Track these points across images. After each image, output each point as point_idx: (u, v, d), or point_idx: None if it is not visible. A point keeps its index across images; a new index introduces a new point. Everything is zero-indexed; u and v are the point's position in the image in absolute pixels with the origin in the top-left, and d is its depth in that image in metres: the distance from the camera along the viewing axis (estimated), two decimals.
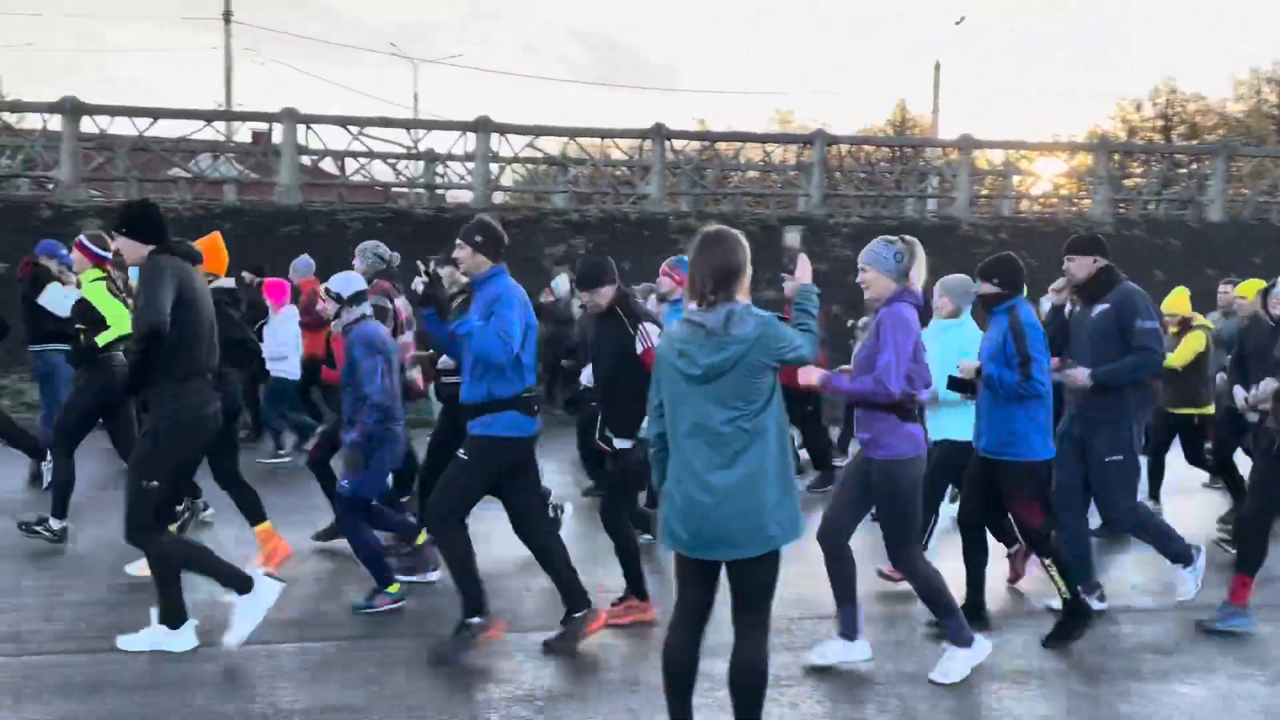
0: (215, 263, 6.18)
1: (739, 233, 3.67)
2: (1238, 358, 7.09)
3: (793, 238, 4.15)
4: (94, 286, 6.75)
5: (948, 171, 19.91)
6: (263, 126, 19.35)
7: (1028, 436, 5.07)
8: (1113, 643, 5.24)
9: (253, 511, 6.13)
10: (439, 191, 18.78)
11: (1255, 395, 5.68)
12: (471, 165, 17.56)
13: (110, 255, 6.83)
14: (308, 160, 17.81)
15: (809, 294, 3.90)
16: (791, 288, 4.00)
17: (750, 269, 3.64)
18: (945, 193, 20.10)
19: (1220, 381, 7.95)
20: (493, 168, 17.74)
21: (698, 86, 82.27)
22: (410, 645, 4.97)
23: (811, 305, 3.88)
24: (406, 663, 4.78)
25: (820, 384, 4.54)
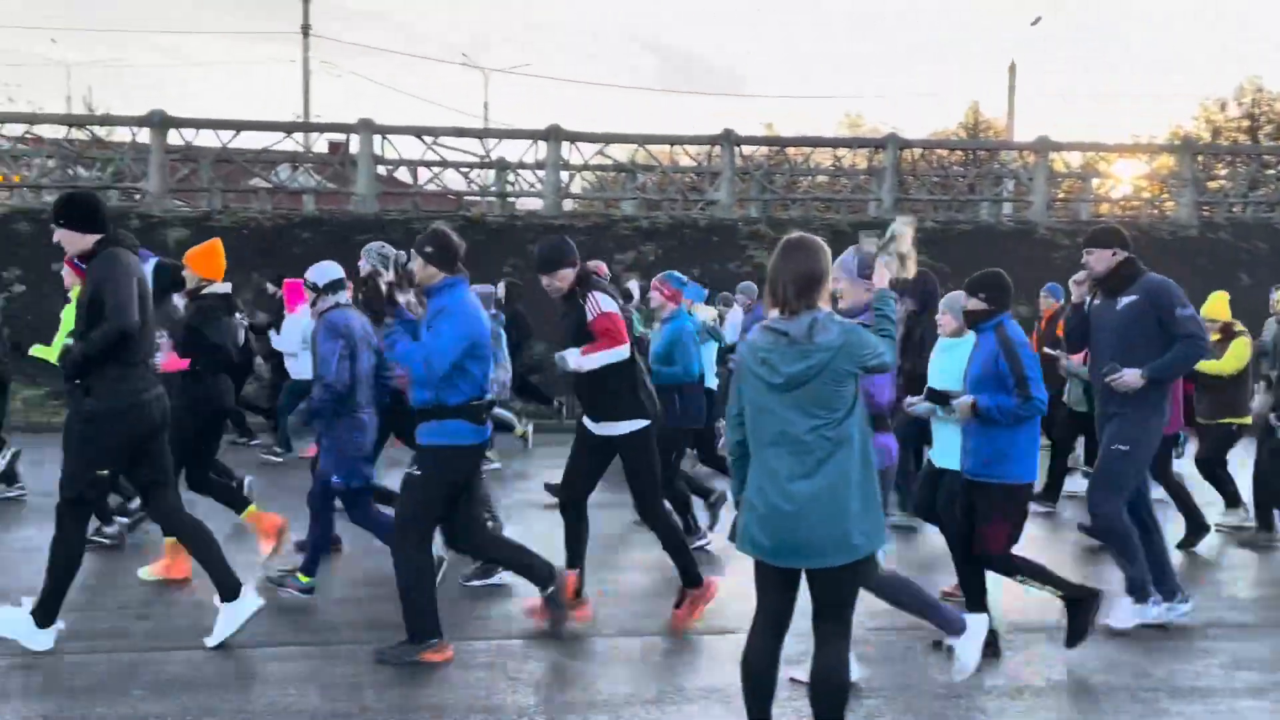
0: (211, 268, 6.35)
1: (820, 240, 3.68)
2: None
3: (870, 243, 4.13)
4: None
5: (1024, 175, 19.52)
6: (339, 137, 19.78)
7: (1009, 457, 4.88)
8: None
9: (235, 501, 6.34)
10: (510, 199, 18.99)
11: None
12: (541, 173, 17.73)
13: None
14: (383, 170, 18.16)
15: (887, 299, 3.90)
16: (848, 297, 3.99)
17: (830, 276, 3.66)
18: (1021, 196, 19.71)
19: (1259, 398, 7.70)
20: (562, 175, 17.89)
21: (764, 91, 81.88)
22: (490, 649, 5.04)
23: (890, 310, 3.88)
24: (488, 666, 4.85)
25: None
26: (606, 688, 4.65)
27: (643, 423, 5.34)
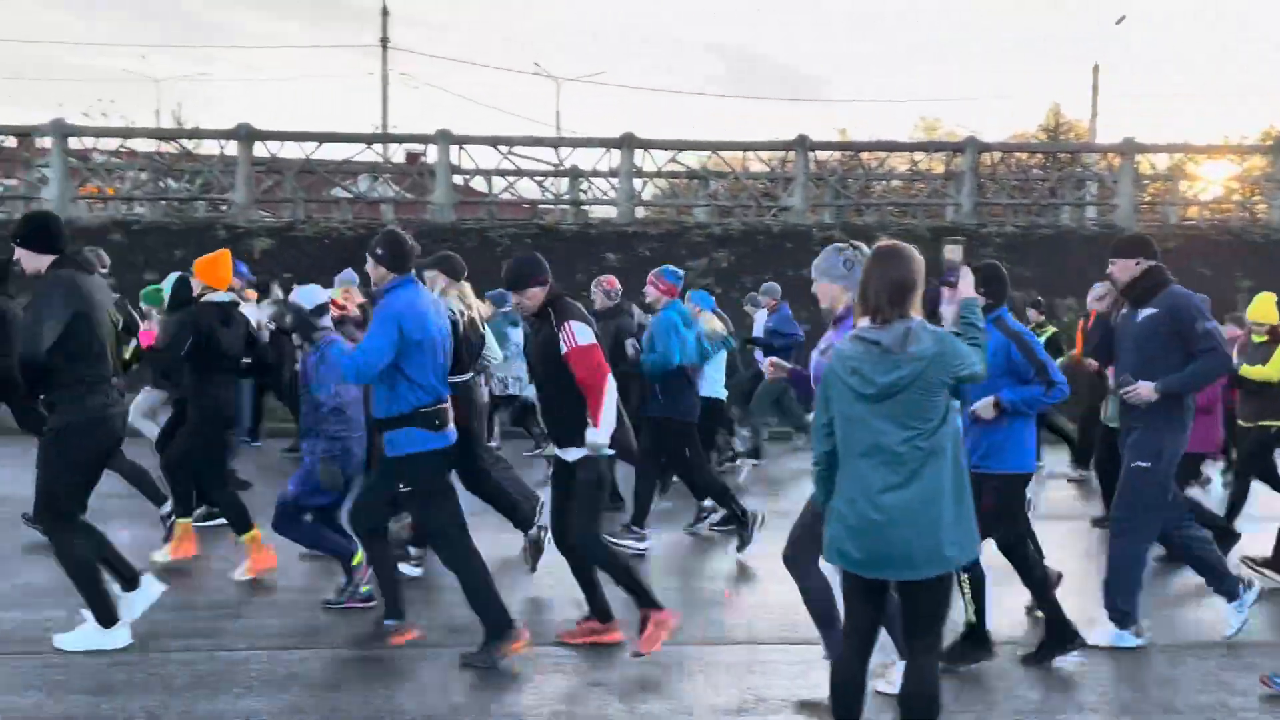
0: (214, 278, 6.49)
1: (912, 247, 3.64)
2: None
3: (954, 251, 4.09)
4: None
5: (1108, 178, 19.01)
6: (417, 147, 20.13)
7: (1006, 449, 4.88)
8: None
9: (241, 520, 6.37)
10: (583, 207, 19.13)
11: None
12: (614, 181, 17.83)
13: (105, 273, 7.32)
14: (460, 180, 18.43)
15: (973, 308, 3.84)
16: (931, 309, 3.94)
17: (922, 284, 3.61)
18: (1105, 200, 19.19)
19: None
20: (635, 183, 17.95)
21: (837, 95, 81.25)
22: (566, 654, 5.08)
23: (977, 319, 3.83)
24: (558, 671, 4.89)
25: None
26: (689, 696, 4.65)
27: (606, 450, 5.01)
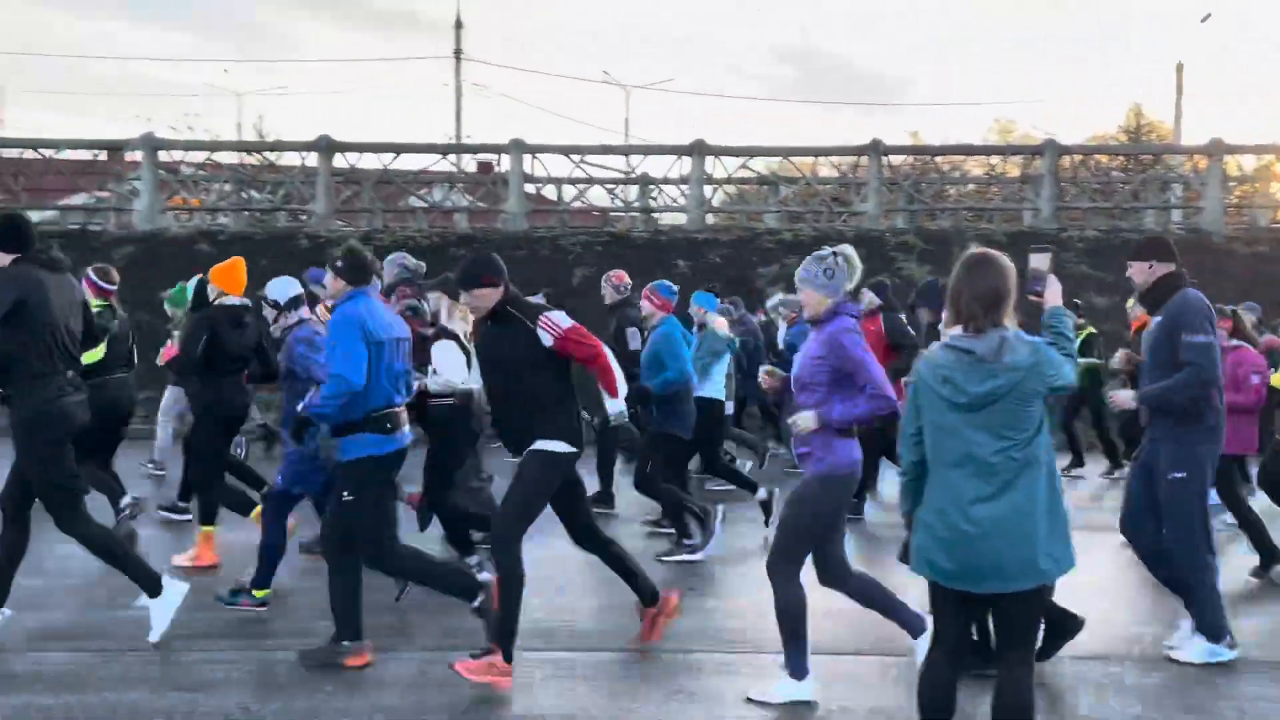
0: (229, 283, 6.77)
1: (1004, 255, 3.60)
2: None
3: (1040, 259, 4.04)
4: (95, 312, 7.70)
5: (1195, 180, 18.47)
6: (488, 157, 20.43)
7: None
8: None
9: (242, 504, 6.70)
10: (653, 214, 19.19)
11: None
12: (685, 188, 17.86)
13: (114, 287, 7.78)
14: (532, 188, 18.65)
15: (1061, 317, 3.79)
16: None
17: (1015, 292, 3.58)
18: (1191, 202, 18.64)
19: None
20: (705, 190, 17.97)
21: (907, 99, 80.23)
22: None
23: (1066, 328, 3.79)
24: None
25: (818, 424, 4.48)
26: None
27: (565, 449, 4.79)
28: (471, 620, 5.04)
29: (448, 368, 6.32)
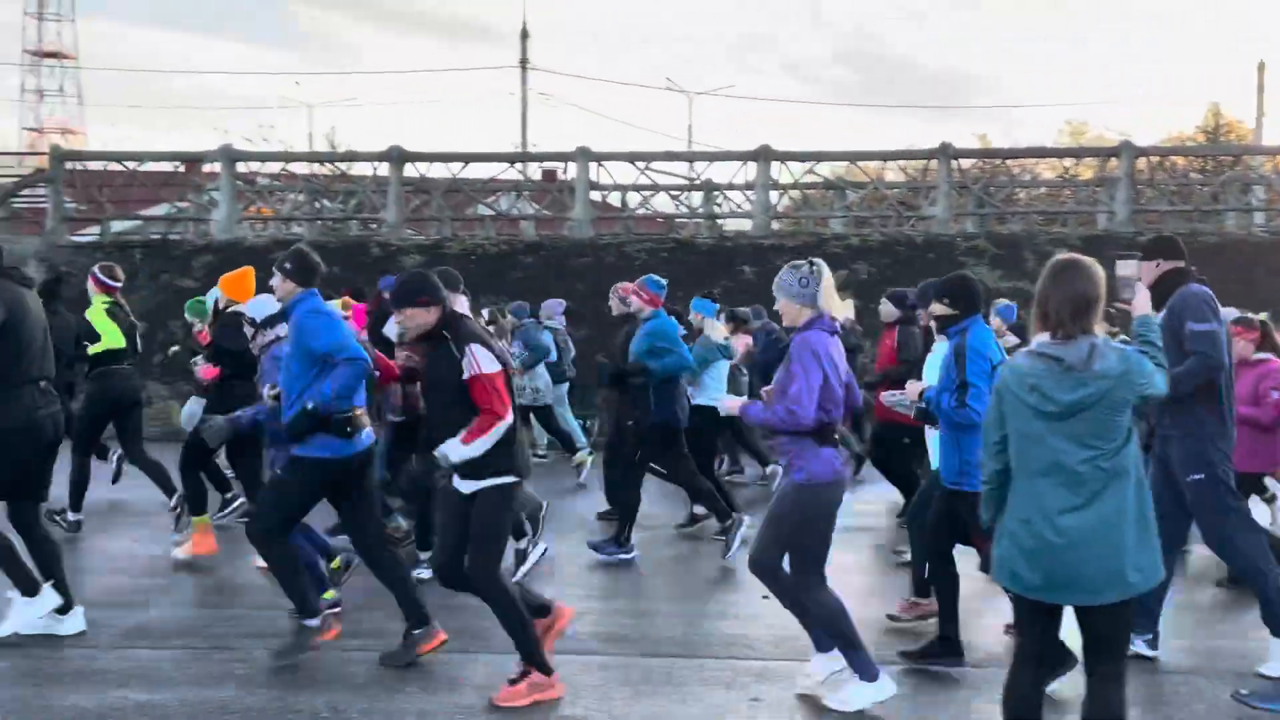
0: (238, 291, 6.91)
1: (1093, 260, 3.55)
2: None
3: (1127, 266, 3.96)
4: (97, 309, 7.99)
5: (1277, 181, 17.91)
6: (553, 164, 20.59)
7: (977, 467, 4.62)
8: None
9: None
10: (718, 221, 19.17)
11: None
12: (750, 193, 17.80)
13: (119, 284, 8.09)
14: (597, 196, 18.76)
15: (1150, 325, 3.72)
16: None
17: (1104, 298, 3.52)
18: (1273, 205, 18.07)
19: None
20: (771, 195, 17.90)
21: (975, 101, 78.96)
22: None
23: (1155, 336, 3.72)
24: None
25: (739, 413, 4.70)
26: (849, 713, 4.59)
27: (509, 479, 4.65)
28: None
29: None
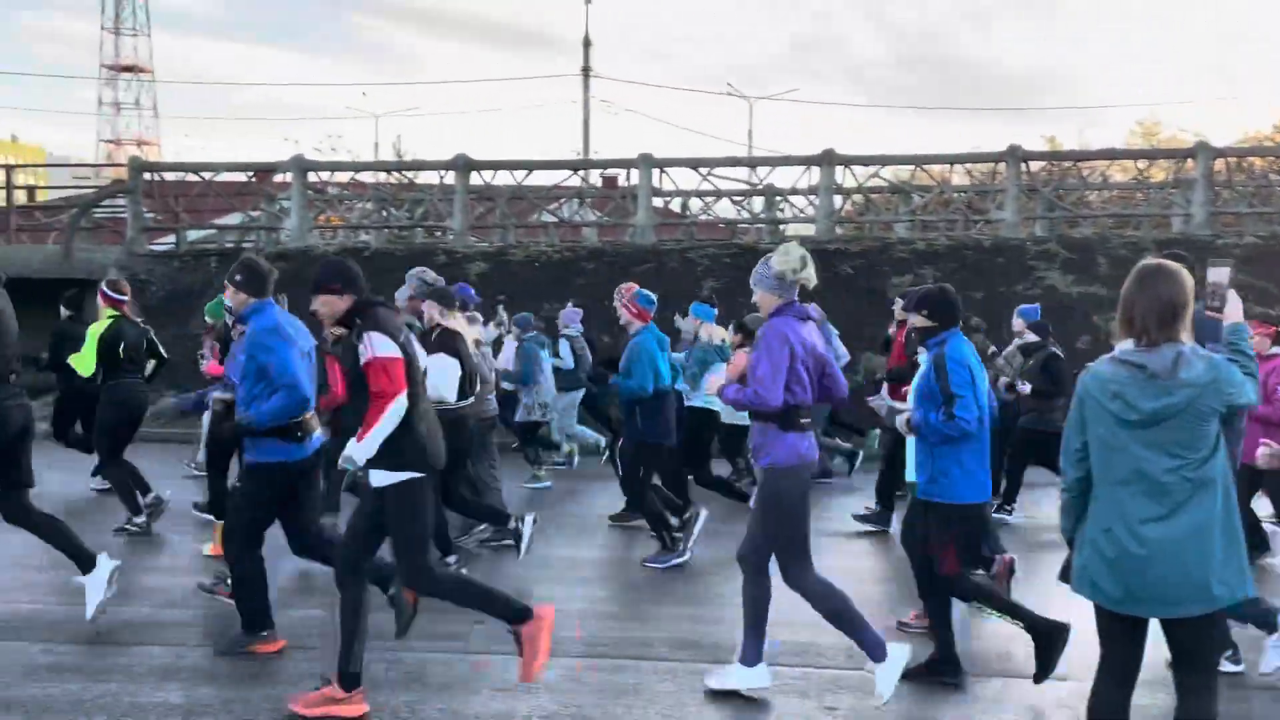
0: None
1: (1180, 266, 3.47)
2: None
3: (1219, 273, 3.87)
4: (102, 323, 8.22)
5: None
6: (615, 171, 20.69)
7: (952, 477, 4.79)
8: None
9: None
10: (780, 226, 19.09)
11: None
12: (813, 198, 17.70)
13: (125, 298, 8.37)
14: (659, 202, 18.80)
15: (1243, 333, 3.62)
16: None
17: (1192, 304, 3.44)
18: None
19: None
20: (835, 200, 17.77)
21: (1041, 103, 77.51)
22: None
23: (1246, 345, 3.61)
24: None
25: (717, 392, 4.85)
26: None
27: (414, 474, 4.49)
28: (608, 624, 5.22)
29: (439, 382, 6.41)
